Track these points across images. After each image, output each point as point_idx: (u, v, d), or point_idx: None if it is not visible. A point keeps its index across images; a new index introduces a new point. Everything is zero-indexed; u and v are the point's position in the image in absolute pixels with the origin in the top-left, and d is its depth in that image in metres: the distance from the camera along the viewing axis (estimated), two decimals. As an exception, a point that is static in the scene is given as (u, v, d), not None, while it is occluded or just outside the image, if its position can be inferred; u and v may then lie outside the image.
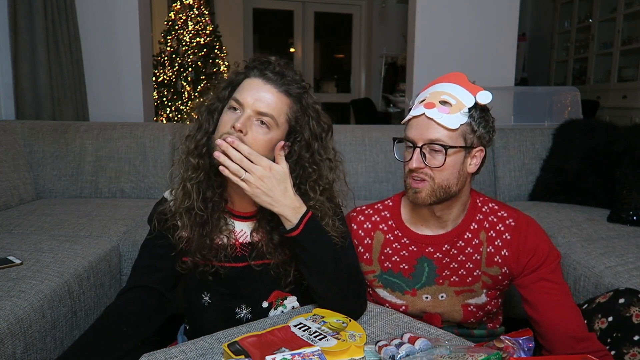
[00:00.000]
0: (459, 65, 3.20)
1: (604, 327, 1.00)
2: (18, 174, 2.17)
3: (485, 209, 1.16)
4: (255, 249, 1.07)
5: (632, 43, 4.50)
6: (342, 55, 7.15)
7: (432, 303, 1.15)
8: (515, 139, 2.28)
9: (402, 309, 1.16)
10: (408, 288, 1.15)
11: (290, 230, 0.97)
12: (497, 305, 1.17)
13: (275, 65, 1.02)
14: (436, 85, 1.11)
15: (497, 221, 1.14)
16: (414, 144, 1.06)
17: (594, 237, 1.70)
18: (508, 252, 1.11)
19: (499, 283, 1.13)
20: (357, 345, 0.87)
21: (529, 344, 0.93)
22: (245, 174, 0.93)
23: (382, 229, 1.20)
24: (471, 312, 1.14)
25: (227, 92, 1.03)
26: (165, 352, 0.92)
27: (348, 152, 2.26)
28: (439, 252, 1.14)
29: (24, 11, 2.48)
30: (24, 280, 1.28)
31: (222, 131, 0.98)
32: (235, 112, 0.99)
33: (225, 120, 0.99)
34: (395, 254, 1.17)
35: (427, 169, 1.05)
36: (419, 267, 1.15)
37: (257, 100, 0.97)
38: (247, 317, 1.09)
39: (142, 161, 2.28)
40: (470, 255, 1.13)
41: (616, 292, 1.04)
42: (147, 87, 3.14)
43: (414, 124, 1.07)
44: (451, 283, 1.14)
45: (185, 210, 1.03)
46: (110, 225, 1.81)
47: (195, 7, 4.56)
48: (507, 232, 1.12)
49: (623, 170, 1.88)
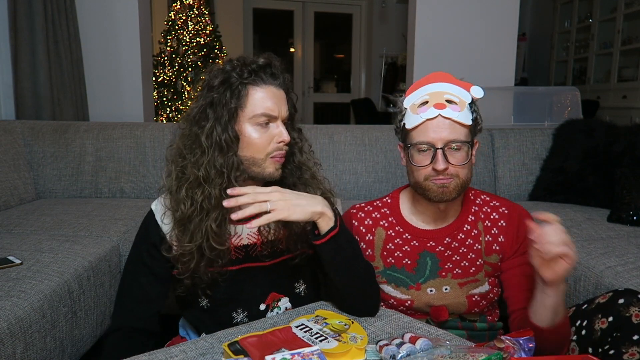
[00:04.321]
0: (459, 65, 3.20)
1: (605, 327, 1.00)
2: (18, 174, 2.17)
3: (479, 201, 1.20)
4: (251, 251, 1.06)
5: (632, 43, 4.50)
6: (342, 55, 7.15)
7: (436, 296, 1.16)
8: (515, 139, 2.28)
9: (407, 304, 1.17)
10: (412, 283, 1.17)
11: (329, 231, 0.94)
12: (497, 293, 1.20)
13: (272, 66, 1.01)
14: (429, 86, 1.11)
15: (490, 211, 1.18)
16: (434, 146, 1.05)
17: (594, 237, 1.70)
18: (504, 239, 1.15)
19: (498, 269, 1.17)
20: (358, 348, 0.87)
21: (530, 344, 0.93)
22: (267, 205, 0.90)
23: (383, 225, 1.21)
24: (475, 302, 1.16)
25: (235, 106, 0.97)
26: (165, 351, 0.92)
27: (348, 152, 2.26)
28: (441, 246, 1.16)
29: (24, 11, 2.48)
30: (24, 280, 1.27)
31: (267, 150, 0.98)
32: (265, 127, 0.98)
33: (264, 138, 0.98)
34: (398, 249, 1.19)
35: (451, 168, 1.06)
36: (422, 261, 1.17)
37: (283, 108, 1.00)
38: (244, 321, 1.08)
39: (142, 161, 2.28)
40: (472, 246, 1.16)
41: (616, 293, 1.04)
42: (147, 87, 3.14)
43: (430, 127, 1.06)
44: (454, 275, 1.16)
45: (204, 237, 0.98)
46: (110, 225, 1.81)
47: (195, 7, 4.56)
48: (502, 220, 1.16)
49: (623, 170, 1.88)
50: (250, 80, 0.97)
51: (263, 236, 1.07)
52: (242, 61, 0.99)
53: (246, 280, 1.07)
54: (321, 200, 0.96)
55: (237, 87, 0.97)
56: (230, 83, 0.97)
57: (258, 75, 0.98)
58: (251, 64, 0.99)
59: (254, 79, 0.98)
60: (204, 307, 1.08)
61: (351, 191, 2.23)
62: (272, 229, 1.06)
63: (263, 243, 1.07)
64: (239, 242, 1.06)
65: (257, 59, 0.99)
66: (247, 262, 1.06)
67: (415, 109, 1.08)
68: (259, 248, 1.07)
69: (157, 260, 1.05)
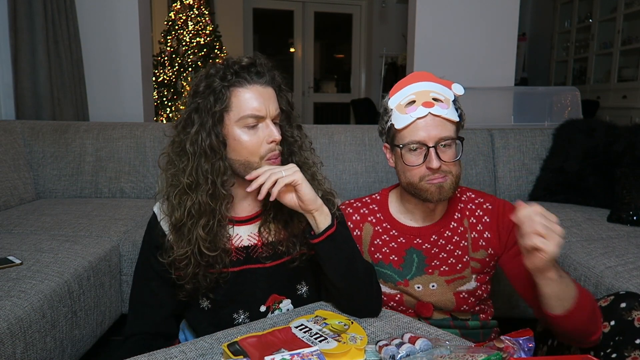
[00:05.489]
0: (459, 65, 3.20)
1: (607, 331, 1.00)
2: (18, 174, 2.17)
3: (465, 198, 1.21)
4: (252, 252, 1.06)
5: (632, 43, 4.50)
6: (342, 55, 7.15)
7: (424, 292, 1.17)
8: (515, 139, 2.28)
9: (397, 298, 1.18)
10: (400, 279, 1.18)
11: (327, 229, 0.96)
12: (487, 290, 1.20)
13: (257, 65, 0.99)
14: (413, 86, 1.11)
15: (475, 208, 1.19)
16: (426, 145, 1.06)
17: (594, 237, 1.70)
18: (490, 234, 1.16)
19: (486, 266, 1.17)
20: (357, 348, 0.87)
21: (529, 344, 0.93)
22: (282, 172, 0.92)
23: (370, 221, 1.22)
24: (463, 299, 1.16)
25: (220, 109, 0.96)
26: (165, 352, 0.92)
27: (348, 152, 2.26)
28: (427, 243, 1.17)
29: (24, 11, 2.48)
30: (24, 280, 1.28)
31: (260, 152, 0.97)
32: (254, 128, 0.97)
33: (254, 140, 0.97)
34: (385, 245, 1.20)
35: (444, 165, 1.07)
36: (408, 258, 1.18)
37: (271, 107, 0.98)
38: (245, 322, 1.08)
39: (142, 161, 2.28)
40: (458, 243, 1.17)
41: (617, 296, 1.04)
42: (147, 87, 3.14)
43: (420, 126, 1.06)
44: (441, 273, 1.16)
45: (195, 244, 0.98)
46: (110, 225, 1.81)
47: (195, 7, 4.56)
48: (486, 215, 1.17)
49: (623, 170, 1.88)
50: (233, 81, 0.96)
51: (263, 237, 1.06)
52: (225, 64, 0.99)
53: (247, 282, 1.07)
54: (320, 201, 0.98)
55: (221, 91, 0.96)
56: (213, 87, 0.96)
57: (241, 75, 0.97)
58: (233, 65, 0.98)
59: (237, 80, 0.96)
60: (204, 309, 1.08)
61: (351, 191, 2.23)
62: (272, 230, 1.06)
63: (264, 244, 1.07)
64: (240, 243, 1.06)
65: (241, 60, 0.98)
66: (248, 263, 1.06)
67: (403, 108, 1.08)
68: (260, 249, 1.07)
69: (163, 263, 1.05)
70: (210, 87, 0.96)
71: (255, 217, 1.08)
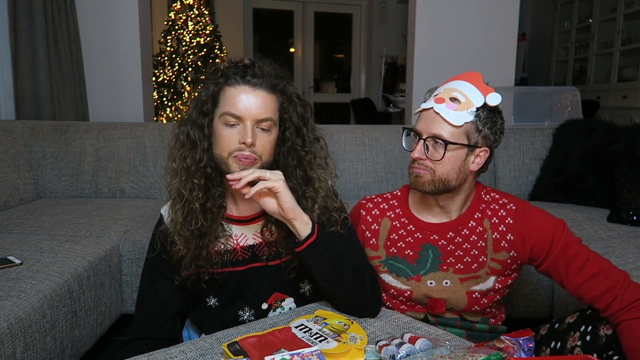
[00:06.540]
0: (459, 65, 3.20)
1: (609, 334, 1.00)
2: (18, 174, 2.17)
3: (488, 198, 1.20)
4: (258, 251, 1.08)
5: (632, 43, 4.50)
6: (342, 55, 7.16)
7: (436, 289, 1.17)
8: (515, 139, 2.28)
9: (407, 294, 1.18)
10: (412, 274, 1.18)
11: (307, 238, 0.98)
12: (503, 293, 1.19)
13: (255, 67, 1.00)
14: (451, 82, 1.14)
15: (498, 208, 1.18)
16: (420, 136, 1.10)
17: (594, 237, 1.70)
18: (513, 236, 1.14)
19: (508, 268, 1.16)
20: (357, 348, 0.87)
21: (529, 344, 0.93)
22: (267, 173, 0.95)
23: (389, 215, 1.24)
24: (475, 299, 1.16)
25: (209, 104, 1.00)
26: (165, 352, 0.92)
27: (348, 152, 2.26)
28: (444, 240, 1.17)
29: (24, 11, 2.48)
30: (24, 280, 1.28)
31: (230, 149, 0.97)
32: (233, 127, 0.97)
33: (227, 137, 0.97)
34: (401, 240, 1.20)
35: (428, 160, 1.09)
36: (424, 253, 1.18)
37: (254, 109, 0.97)
38: (250, 319, 1.10)
39: (142, 161, 2.28)
40: (475, 242, 1.16)
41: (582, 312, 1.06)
42: (147, 87, 3.14)
43: (423, 117, 1.11)
44: (456, 270, 1.16)
45: (188, 228, 1.02)
46: (110, 225, 1.81)
47: (195, 7, 4.56)
48: (510, 217, 1.15)
49: (623, 170, 1.88)
50: (226, 79, 0.99)
51: (265, 237, 1.08)
52: (227, 63, 1.02)
53: (252, 280, 1.09)
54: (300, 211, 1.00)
55: (214, 88, 1.00)
56: (209, 82, 1.01)
57: (235, 75, 0.98)
58: (231, 64, 1.01)
59: (230, 78, 0.99)
60: (212, 306, 1.10)
61: (351, 191, 2.23)
62: (274, 230, 1.08)
63: (267, 244, 1.09)
64: (245, 242, 1.08)
65: (241, 60, 1.01)
66: (253, 262, 1.08)
67: (430, 98, 1.13)
68: (265, 248, 1.09)
69: (168, 263, 1.06)
70: (208, 81, 1.01)
71: (258, 217, 1.10)
